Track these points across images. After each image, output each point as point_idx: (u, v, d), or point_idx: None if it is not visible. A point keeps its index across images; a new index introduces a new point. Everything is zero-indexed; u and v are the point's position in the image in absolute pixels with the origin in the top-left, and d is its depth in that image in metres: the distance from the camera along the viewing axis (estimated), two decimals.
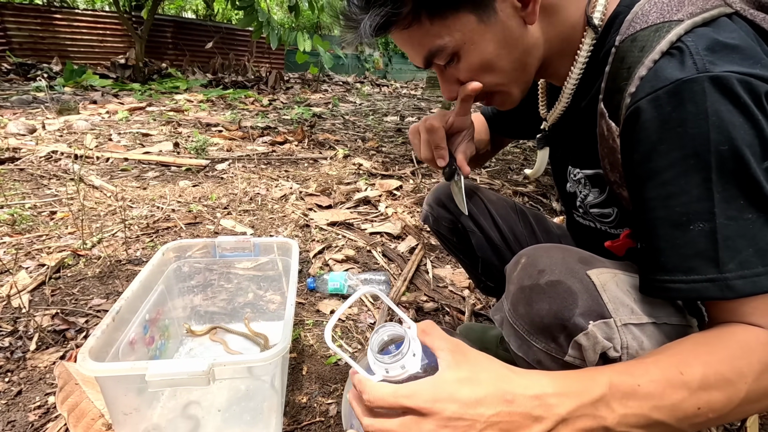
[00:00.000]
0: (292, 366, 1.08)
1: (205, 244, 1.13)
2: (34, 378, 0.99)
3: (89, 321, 1.19)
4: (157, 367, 0.68)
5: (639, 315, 0.52)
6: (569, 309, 0.52)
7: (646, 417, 0.42)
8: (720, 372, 0.43)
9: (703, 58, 0.44)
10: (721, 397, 0.42)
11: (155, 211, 1.94)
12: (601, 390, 0.42)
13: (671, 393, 0.42)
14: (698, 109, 0.43)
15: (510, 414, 0.41)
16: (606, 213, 0.65)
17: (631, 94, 0.48)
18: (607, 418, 0.42)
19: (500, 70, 0.59)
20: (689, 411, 0.42)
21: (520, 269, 0.59)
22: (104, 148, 2.84)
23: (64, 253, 1.50)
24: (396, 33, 0.58)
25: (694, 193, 0.45)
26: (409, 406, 0.41)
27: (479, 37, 0.56)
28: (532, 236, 0.96)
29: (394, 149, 3.39)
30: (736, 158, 0.43)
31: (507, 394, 0.41)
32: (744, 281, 0.43)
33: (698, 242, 0.45)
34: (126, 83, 6.08)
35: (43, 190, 2.09)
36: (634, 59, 0.49)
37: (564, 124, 0.70)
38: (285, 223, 1.91)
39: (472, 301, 1.39)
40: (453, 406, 0.40)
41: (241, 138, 3.42)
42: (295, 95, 6.49)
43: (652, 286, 0.50)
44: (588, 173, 0.65)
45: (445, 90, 0.65)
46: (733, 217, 0.44)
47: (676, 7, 0.49)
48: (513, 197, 2.37)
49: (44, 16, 7.05)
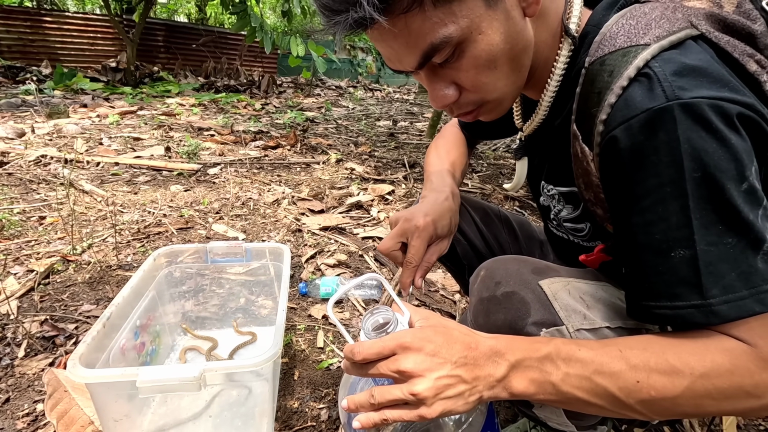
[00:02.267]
0: (283, 371, 1.08)
1: (196, 249, 1.13)
2: (23, 385, 0.98)
3: (79, 327, 1.19)
4: (147, 373, 0.68)
5: (592, 320, 0.53)
6: (522, 319, 0.54)
7: (589, 380, 0.46)
8: (664, 359, 0.45)
9: (672, 84, 0.44)
10: (662, 379, 0.44)
11: (146, 216, 1.93)
12: (546, 350, 0.48)
13: (609, 362, 0.46)
14: (670, 138, 0.44)
15: (475, 357, 0.47)
16: (579, 228, 0.66)
17: (603, 122, 0.48)
18: (552, 374, 0.47)
19: (501, 69, 0.53)
20: (629, 382, 0.45)
21: (479, 282, 0.61)
22: (94, 153, 2.82)
23: (54, 259, 1.49)
24: (388, 22, 0.47)
25: (672, 221, 0.45)
26: (394, 348, 0.47)
27: (487, 25, 0.49)
28: (515, 242, 0.97)
29: (386, 154, 3.40)
30: (710, 184, 0.43)
31: (472, 342, 0.48)
32: (729, 306, 0.44)
33: (680, 269, 0.45)
34: (117, 87, 6.04)
35: (32, 195, 2.07)
36: (604, 84, 0.49)
37: (538, 138, 0.70)
38: (277, 228, 1.92)
39: (462, 305, 1.41)
40: (431, 346, 0.47)
41: (234, 142, 3.41)
42: (287, 99, 6.50)
43: (638, 311, 0.50)
44: (562, 190, 0.65)
45: (437, 97, 0.56)
46: (714, 243, 0.44)
47: (642, 30, 0.48)
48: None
49: (34, 19, 7.00)
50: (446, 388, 0.46)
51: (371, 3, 0.45)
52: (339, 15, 0.47)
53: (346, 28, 0.48)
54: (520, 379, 0.47)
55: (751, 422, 1.02)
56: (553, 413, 0.63)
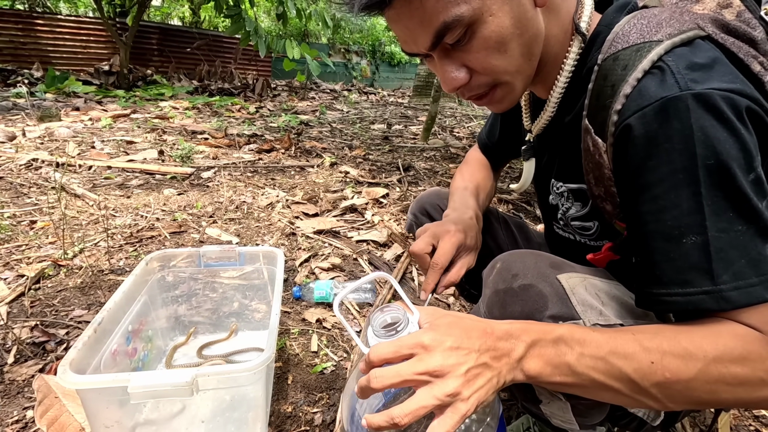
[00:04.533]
0: (277, 375, 1.08)
1: (189, 253, 1.12)
2: (12, 392, 0.97)
3: (70, 333, 1.18)
4: (139, 379, 0.67)
5: (607, 317, 0.54)
6: (540, 311, 0.54)
7: (603, 360, 0.46)
8: (677, 341, 0.45)
9: (684, 76, 0.46)
10: (676, 361, 0.44)
11: (139, 220, 1.92)
12: (560, 331, 0.48)
13: (623, 344, 0.46)
14: (684, 126, 0.45)
15: (494, 341, 0.46)
16: (587, 226, 0.67)
17: (617, 112, 0.50)
18: (567, 354, 0.47)
19: (511, 53, 0.54)
20: (643, 363, 0.45)
21: (495, 274, 0.61)
22: (87, 156, 2.80)
23: (45, 264, 1.48)
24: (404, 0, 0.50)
25: (684, 207, 0.46)
26: (413, 347, 0.45)
27: (498, 8, 0.51)
28: (513, 244, 0.98)
29: (380, 157, 3.41)
30: (722, 172, 0.44)
31: (487, 327, 0.47)
32: (739, 292, 0.44)
33: (692, 255, 0.46)
34: (110, 90, 6.00)
35: (23, 199, 2.05)
36: (618, 77, 0.50)
37: (548, 137, 0.71)
38: (271, 232, 1.91)
39: (457, 308, 1.41)
40: (450, 339, 0.45)
41: (228, 146, 3.40)
42: (282, 103, 6.49)
43: (648, 299, 0.50)
44: (572, 187, 0.66)
45: (448, 79, 0.57)
46: (724, 229, 0.45)
47: (654, 28, 0.51)
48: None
49: (25, 22, 6.94)
50: (476, 378, 0.45)
51: None
52: None
53: (360, 8, 0.51)
54: (536, 360, 0.47)
55: (741, 423, 1.03)
56: (560, 409, 0.62)
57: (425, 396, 0.43)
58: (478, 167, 0.97)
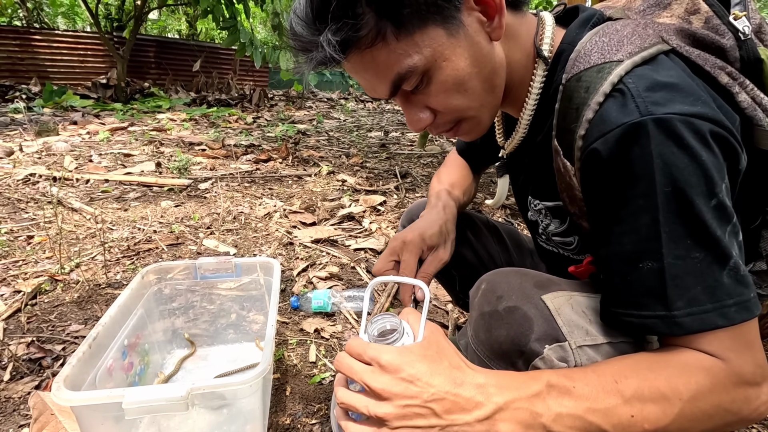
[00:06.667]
0: (275, 387, 1.07)
1: (186, 265, 1.12)
2: (8, 410, 0.96)
3: (66, 348, 1.17)
4: (134, 395, 0.67)
5: (594, 336, 0.53)
6: (525, 335, 0.54)
7: (582, 419, 0.45)
8: (656, 386, 0.45)
9: (645, 99, 0.45)
10: (655, 409, 0.44)
11: (136, 233, 1.92)
12: (538, 387, 0.46)
13: (604, 397, 0.45)
14: (644, 152, 0.45)
15: (455, 395, 0.45)
16: (567, 241, 0.67)
17: (582, 137, 0.50)
18: (543, 415, 0.45)
19: (472, 91, 0.55)
20: (623, 417, 0.44)
21: (480, 295, 0.61)
22: (84, 170, 2.80)
23: (41, 279, 1.47)
24: (356, 56, 0.51)
25: (643, 233, 0.46)
26: (372, 359, 0.46)
27: (450, 52, 0.51)
28: (505, 252, 0.98)
29: (378, 165, 3.42)
30: (680, 199, 0.44)
31: (457, 379, 0.46)
32: (692, 318, 0.45)
33: (648, 280, 0.46)
34: (107, 103, 6.03)
35: (20, 214, 2.05)
36: (581, 100, 0.50)
37: (522, 156, 0.71)
38: (269, 242, 1.91)
39: (455, 315, 1.40)
40: (410, 371, 0.45)
41: (225, 156, 3.41)
42: (279, 112, 6.52)
43: (609, 317, 0.52)
44: (548, 205, 0.66)
45: (413, 120, 0.58)
46: (681, 257, 0.45)
47: (615, 47, 0.50)
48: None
49: (23, 38, 7.00)
50: (415, 417, 0.44)
51: (331, 45, 0.48)
52: (306, 54, 0.52)
53: (314, 66, 0.52)
54: (508, 424, 0.45)
55: None
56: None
57: (360, 399, 0.46)
58: (455, 168, 0.97)
